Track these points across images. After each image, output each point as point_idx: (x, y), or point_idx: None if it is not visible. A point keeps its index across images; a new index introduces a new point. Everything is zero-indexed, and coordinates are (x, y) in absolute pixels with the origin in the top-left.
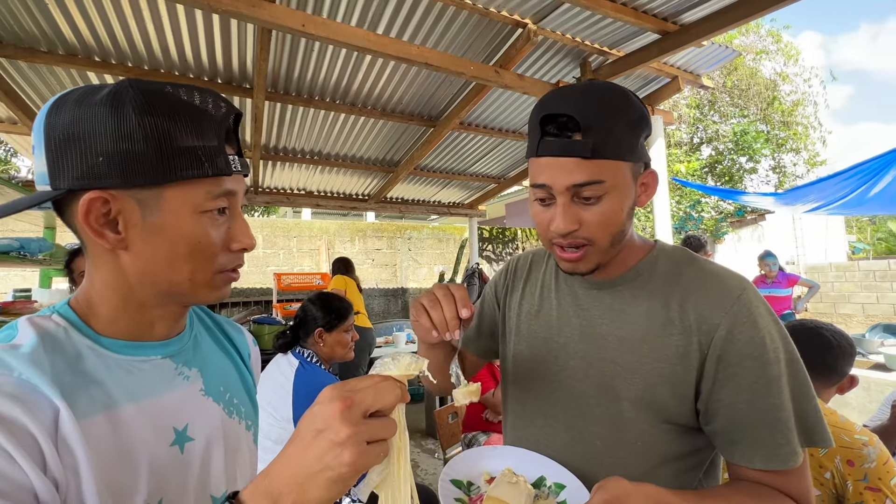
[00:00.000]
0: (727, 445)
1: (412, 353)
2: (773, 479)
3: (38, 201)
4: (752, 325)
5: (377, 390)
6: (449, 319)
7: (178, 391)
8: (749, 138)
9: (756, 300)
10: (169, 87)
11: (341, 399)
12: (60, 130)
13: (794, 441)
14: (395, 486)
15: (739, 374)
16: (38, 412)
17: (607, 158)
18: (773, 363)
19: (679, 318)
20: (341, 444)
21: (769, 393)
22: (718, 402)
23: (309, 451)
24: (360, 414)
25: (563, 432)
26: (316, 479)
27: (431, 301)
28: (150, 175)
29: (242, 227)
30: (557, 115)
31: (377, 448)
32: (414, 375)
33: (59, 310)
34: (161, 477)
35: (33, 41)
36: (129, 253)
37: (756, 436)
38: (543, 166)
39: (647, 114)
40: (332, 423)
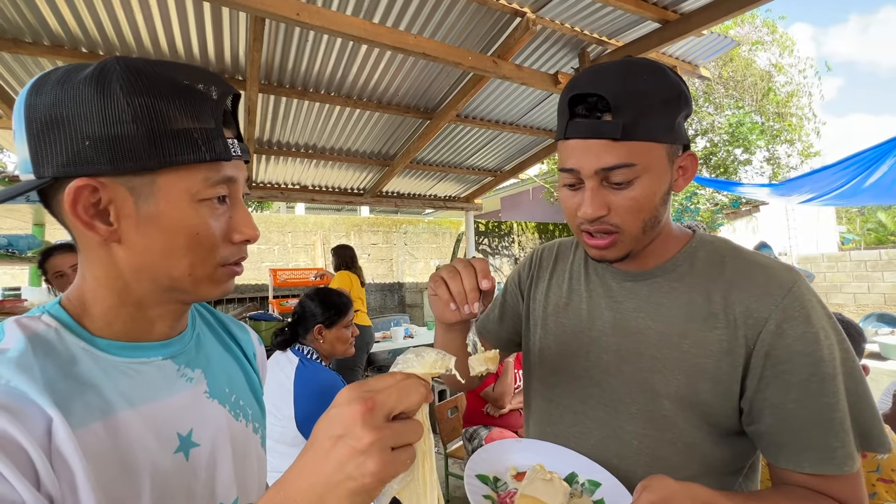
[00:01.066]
0: (772, 448)
1: (436, 349)
2: (824, 484)
3: (21, 191)
4: (805, 320)
5: (400, 390)
6: (468, 291)
7: (180, 394)
8: (744, 130)
9: (808, 294)
10: (160, 65)
11: (362, 401)
12: (42, 113)
13: (850, 444)
14: (421, 494)
15: (789, 371)
16: (29, 422)
17: (639, 140)
18: (828, 361)
19: (723, 312)
20: (364, 452)
21: (822, 392)
22: (764, 401)
23: (328, 460)
24: (384, 417)
25: (597, 430)
26: (336, 490)
27: (451, 273)
28: (142, 160)
29: (244, 216)
30: (586, 94)
31: (403, 454)
32: (439, 374)
33: (50, 310)
34: (165, 486)
35: (17, 32)
36: (122, 246)
37: (807, 438)
38: (571, 149)
39: (687, 91)
40: (352, 428)
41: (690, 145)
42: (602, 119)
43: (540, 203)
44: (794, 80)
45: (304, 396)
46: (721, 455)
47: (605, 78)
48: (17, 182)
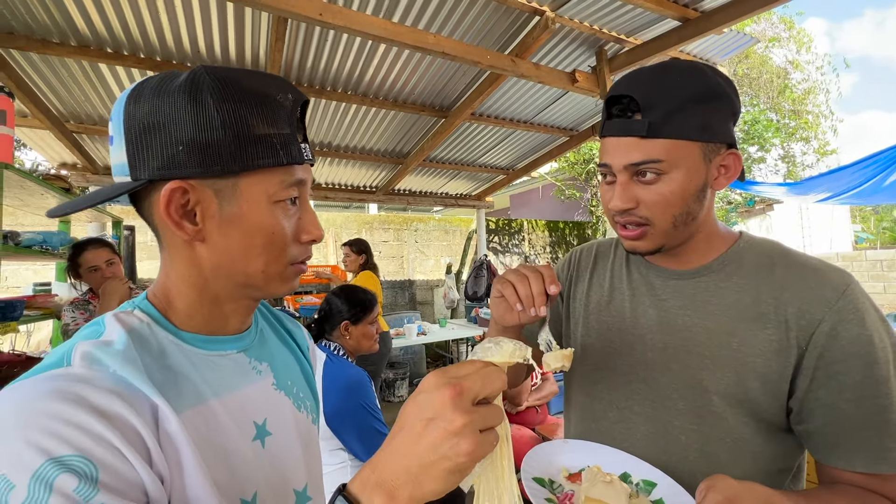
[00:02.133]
0: (824, 447)
1: (513, 340)
2: (877, 483)
3: (120, 192)
4: (860, 323)
5: (483, 376)
6: (536, 294)
7: (254, 385)
8: (759, 128)
9: (862, 296)
10: (242, 73)
11: (450, 386)
12: (140, 120)
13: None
14: (499, 477)
15: (843, 372)
16: (140, 408)
17: (666, 137)
18: (882, 363)
19: (774, 312)
20: (457, 433)
21: (877, 393)
22: (816, 401)
23: (421, 441)
24: (471, 401)
25: (643, 425)
26: (432, 469)
27: (519, 276)
28: (228, 163)
29: (312, 217)
30: (621, 96)
31: (490, 436)
32: (516, 363)
33: (140, 305)
34: (248, 472)
35: (45, 32)
36: (205, 245)
37: (861, 437)
38: (607, 146)
39: (731, 91)
40: (443, 411)
41: (736, 144)
42: (632, 118)
43: (549, 201)
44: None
45: (332, 391)
46: (770, 452)
47: (640, 80)
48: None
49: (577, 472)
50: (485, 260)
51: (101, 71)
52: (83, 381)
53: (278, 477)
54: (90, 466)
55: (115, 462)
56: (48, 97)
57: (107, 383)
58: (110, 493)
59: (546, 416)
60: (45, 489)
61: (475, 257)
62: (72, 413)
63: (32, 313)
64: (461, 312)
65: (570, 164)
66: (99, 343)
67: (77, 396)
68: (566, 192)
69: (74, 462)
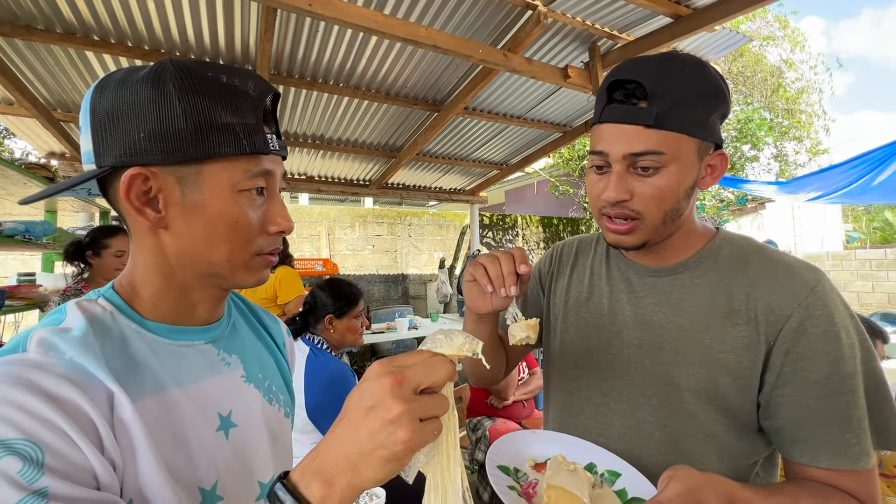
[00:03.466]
0: (788, 442)
1: (465, 333)
2: (839, 478)
3: (84, 179)
4: (828, 319)
5: (428, 366)
6: (506, 274)
7: (220, 377)
8: (753, 126)
9: (832, 293)
10: (207, 66)
11: (391, 375)
12: (104, 110)
13: (867, 441)
14: (445, 467)
15: (809, 368)
16: (94, 394)
17: (671, 130)
18: (849, 359)
19: (745, 308)
20: (394, 422)
21: (842, 389)
22: (782, 397)
23: (360, 430)
24: (412, 390)
25: (618, 421)
26: (369, 458)
27: (490, 258)
28: (189, 151)
29: (280, 209)
30: (626, 81)
31: (430, 425)
32: (466, 356)
33: (105, 293)
34: (210, 461)
35: (30, 19)
36: (169, 232)
37: (824, 433)
38: (604, 133)
39: (726, 90)
40: (383, 399)
41: (723, 145)
42: (637, 106)
43: (544, 197)
44: (805, 76)
45: (315, 385)
46: (739, 447)
47: (646, 67)
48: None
49: (543, 461)
50: (478, 255)
51: (89, 59)
52: (36, 366)
53: (243, 468)
54: (36, 450)
55: (63, 447)
56: (34, 85)
57: (60, 369)
58: (56, 476)
59: (532, 411)
60: None
61: (468, 252)
62: (21, 397)
63: (16, 303)
64: (454, 307)
65: (565, 160)
66: (57, 330)
67: (28, 381)
68: (560, 188)
69: (19, 445)
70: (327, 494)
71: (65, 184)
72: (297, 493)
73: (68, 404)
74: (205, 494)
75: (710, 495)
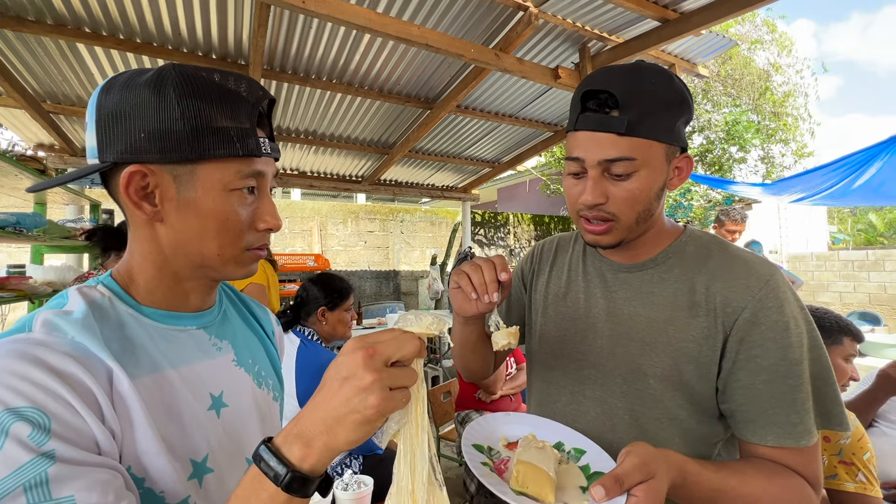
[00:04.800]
0: (741, 423)
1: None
2: (785, 456)
3: (88, 172)
4: (778, 310)
5: (397, 341)
6: (488, 282)
7: (212, 360)
8: (740, 128)
9: (784, 286)
10: (207, 72)
11: (364, 348)
12: (109, 109)
13: (809, 421)
14: (414, 433)
15: (760, 356)
16: (94, 370)
17: (641, 137)
18: (796, 347)
19: (705, 301)
20: (366, 389)
21: (788, 374)
22: (737, 383)
23: (336, 397)
24: (382, 362)
25: (592, 408)
26: (344, 421)
27: (473, 267)
28: (185, 151)
29: (269, 207)
30: (598, 91)
31: (399, 394)
32: (434, 335)
33: (104, 280)
34: (203, 435)
35: (20, 9)
36: (164, 225)
37: (771, 414)
38: (580, 140)
39: (690, 98)
40: (356, 370)
41: (688, 148)
42: (610, 114)
43: (536, 195)
44: (791, 80)
45: (306, 374)
46: (701, 430)
47: (617, 77)
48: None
49: (516, 441)
50: (469, 252)
51: (80, 51)
52: (42, 344)
53: (233, 445)
54: (43, 417)
55: (67, 415)
56: (23, 76)
57: (63, 347)
58: (62, 441)
59: (520, 405)
60: (2, 434)
61: (460, 249)
62: (29, 371)
63: (6, 295)
64: (445, 303)
65: (556, 158)
66: (60, 312)
67: (34, 357)
68: (551, 186)
69: (29, 413)
70: (306, 454)
71: (72, 174)
72: (280, 454)
73: (71, 378)
74: (196, 465)
75: (662, 467)
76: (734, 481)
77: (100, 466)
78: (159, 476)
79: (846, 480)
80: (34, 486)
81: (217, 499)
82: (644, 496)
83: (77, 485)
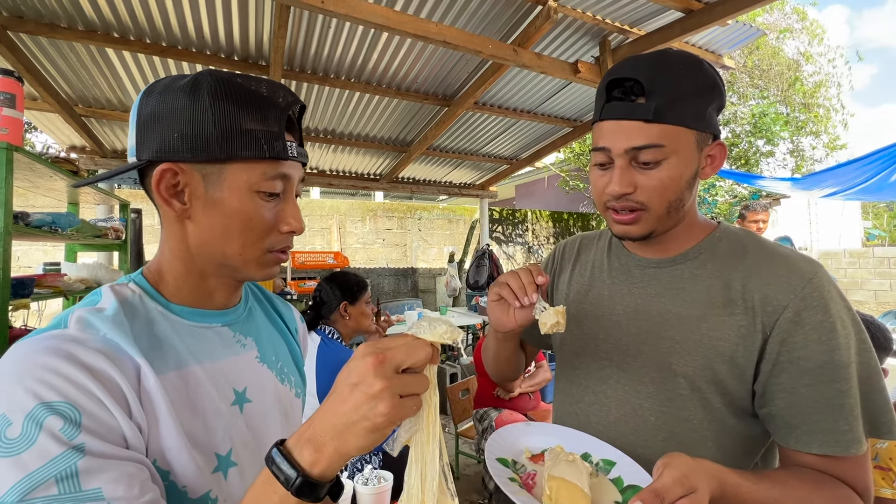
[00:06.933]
0: (783, 429)
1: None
2: (831, 465)
3: (125, 170)
4: (824, 310)
5: (408, 347)
6: (526, 284)
7: (236, 357)
8: (768, 121)
9: (828, 284)
10: (242, 78)
11: (374, 355)
12: (148, 111)
13: (859, 429)
14: (425, 441)
15: (804, 357)
16: (123, 366)
17: (669, 123)
18: (843, 349)
19: (741, 298)
20: (375, 397)
21: (836, 378)
22: (778, 385)
23: (346, 403)
24: (393, 369)
25: (615, 408)
26: (354, 428)
27: (511, 275)
28: (214, 151)
29: (293, 210)
30: (623, 78)
31: (410, 401)
32: (447, 343)
33: (135, 279)
34: (227, 430)
35: (53, 17)
36: (192, 223)
37: (817, 420)
38: (605, 130)
39: (721, 84)
40: (366, 377)
41: (720, 136)
42: (636, 102)
43: (555, 192)
44: (823, 69)
45: (326, 371)
46: (735, 435)
47: (642, 65)
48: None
49: (540, 452)
50: (487, 249)
51: (108, 55)
52: (75, 341)
53: (255, 440)
54: (75, 412)
55: (97, 410)
56: (57, 81)
57: (95, 344)
58: (91, 434)
59: (539, 403)
60: (36, 427)
61: (478, 246)
62: (62, 367)
63: (43, 291)
64: (462, 301)
65: (576, 154)
66: (93, 310)
67: (68, 353)
68: (570, 182)
69: (61, 407)
70: (316, 459)
71: (111, 172)
72: (291, 457)
73: (102, 374)
74: (220, 459)
75: (702, 479)
76: (776, 492)
77: (127, 460)
78: (182, 471)
79: (882, 486)
80: (65, 478)
81: (238, 492)
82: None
83: (104, 477)
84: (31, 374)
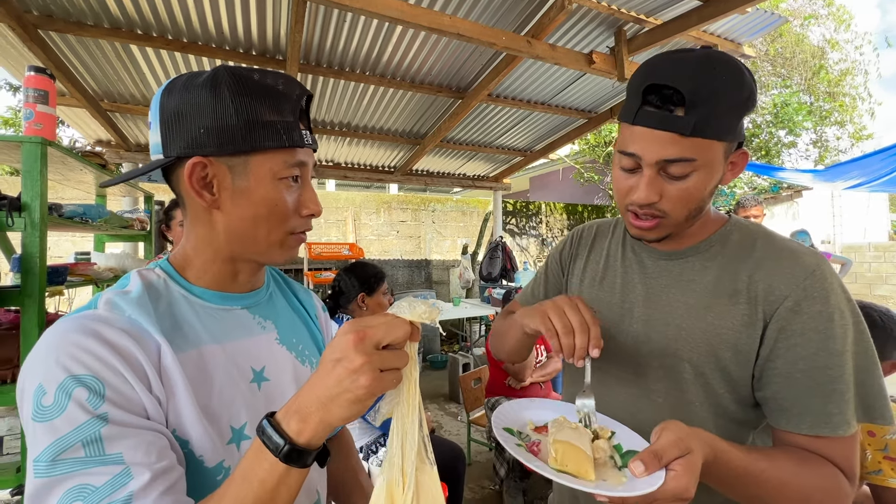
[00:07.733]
0: (776, 412)
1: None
2: (820, 445)
3: (155, 167)
4: (823, 300)
5: (388, 325)
6: (578, 348)
7: (255, 338)
8: (790, 110)
9: (831, 277)
10: (256, 72)
11: (356, 332)
12: (171, 109)
13: (849, 412)
14: (406, 413)
15: (800, 344)
16: (145, 345)
17: (705, 138)
18: (839, 338)
19: (746, 289)
20: (356, 371)
21: (829, 364)
22: (774, 370)
23: (329, 377)
24: (373, 345)
25: (623, 391)
26: (337, 400)
27: (565, 328)
28: (240, 144)
29: (311, 195)
30: (663, 86)
31: (390, 375)
32: (426, 322)
33: (161, 264)
34: (243, 405)
35: (81, 15)
36: (220, 212)
37: (808, 403)
38: (637, 135)
39: (755, 92)
40: (347, 352)
41: (744, 143)
42: (674, 113)
43: (569, 184)
44: (850, 56)
45: None
46: (737, 417)
47: (685, 72)
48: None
49: (543, 425)
50: (500, 241)
51: (133, 52)
52: (102, 320)
53: None
54: (99, 384)
55: (119, 384)
56: (84, 77)
57: (121, 323)
58: (114, 405)
59: (549, 393)
60: (66, 397)
61: (491, 238)
62: (90, 344)
63: (75, 279)
64: (476, 292)
65: (590, 146)
66: (120, 292)
67: (95, 332)
68: (585, 175)
69: (88, 380)
70: (302, 429)
71: (140, 169)
72: (280, 427)
73: (125, 351)
74: (234, 432)
75: (696, 443)
76: (763, 464)
77: (146, 429)
78: (198, 441)
79: (891, 476)
80: (90, 443)
81: None
82: (683, 470)
83: (125, 444)
84: (64, 350)
